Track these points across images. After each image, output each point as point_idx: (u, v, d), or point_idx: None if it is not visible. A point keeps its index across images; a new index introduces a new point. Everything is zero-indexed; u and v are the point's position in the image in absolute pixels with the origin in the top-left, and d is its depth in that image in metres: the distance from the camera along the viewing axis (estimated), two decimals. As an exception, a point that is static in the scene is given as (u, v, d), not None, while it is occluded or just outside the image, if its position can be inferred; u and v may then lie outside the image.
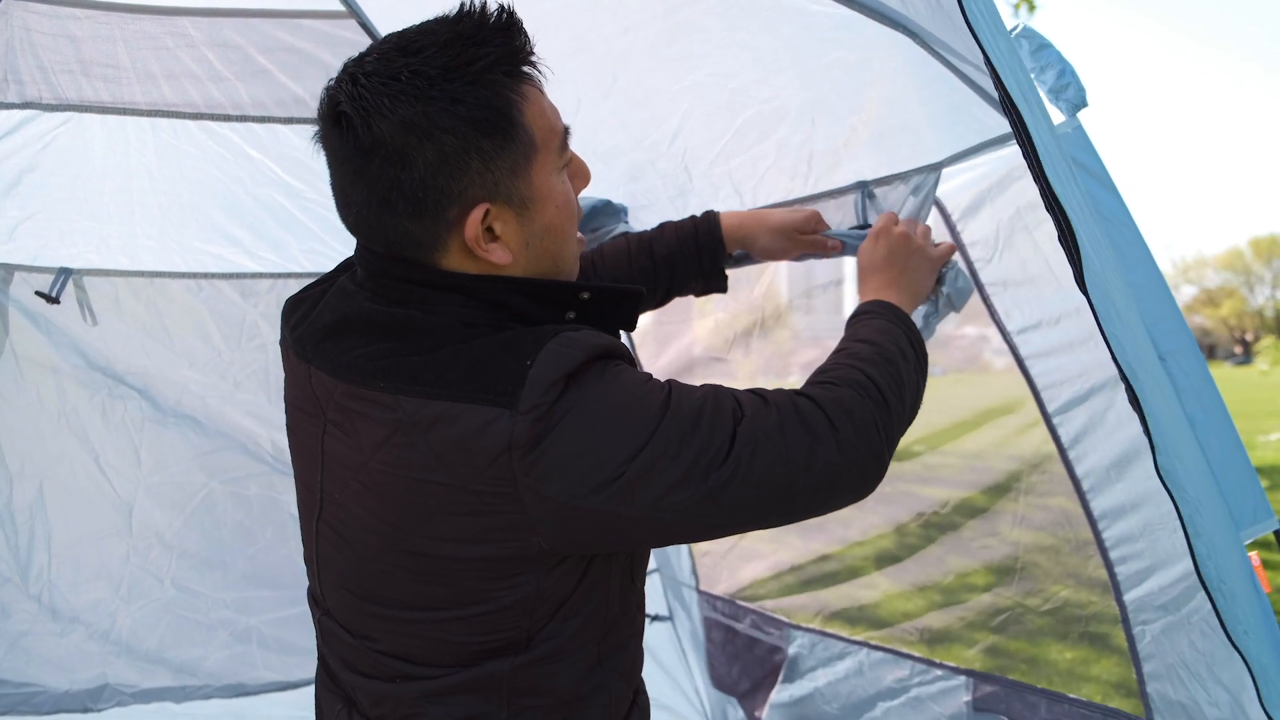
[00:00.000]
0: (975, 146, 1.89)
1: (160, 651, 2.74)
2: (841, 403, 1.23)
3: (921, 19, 1.64)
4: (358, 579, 1.23)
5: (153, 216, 2.51)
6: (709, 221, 1.89)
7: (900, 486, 2.78)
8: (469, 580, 1.15)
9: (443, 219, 1.14)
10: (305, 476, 1.31)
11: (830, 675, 2.72)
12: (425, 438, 1.09)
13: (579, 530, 1.11)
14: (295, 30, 2.20)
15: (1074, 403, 2.00)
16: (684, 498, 1.10)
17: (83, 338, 2.58)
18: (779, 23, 1.86)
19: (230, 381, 2.73)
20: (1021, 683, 2.34)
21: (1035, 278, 1.98)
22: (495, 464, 1.07)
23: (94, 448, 2.65)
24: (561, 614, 1.19)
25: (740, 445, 1.12)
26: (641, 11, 1.98)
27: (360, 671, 1.26)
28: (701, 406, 1.14)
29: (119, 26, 2.14)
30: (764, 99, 2.03)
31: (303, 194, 2.55)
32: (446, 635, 1.18)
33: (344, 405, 1.17)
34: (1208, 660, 1.89)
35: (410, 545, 1.16)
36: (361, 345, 1.16)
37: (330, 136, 1.15)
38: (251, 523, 2.82)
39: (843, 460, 1.19)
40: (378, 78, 1.10)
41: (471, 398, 1.08)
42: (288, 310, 1.34)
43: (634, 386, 1.12)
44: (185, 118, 2.33)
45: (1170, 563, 1.95)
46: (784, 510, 1.19)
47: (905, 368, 1.40)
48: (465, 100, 1.10)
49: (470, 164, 1.12)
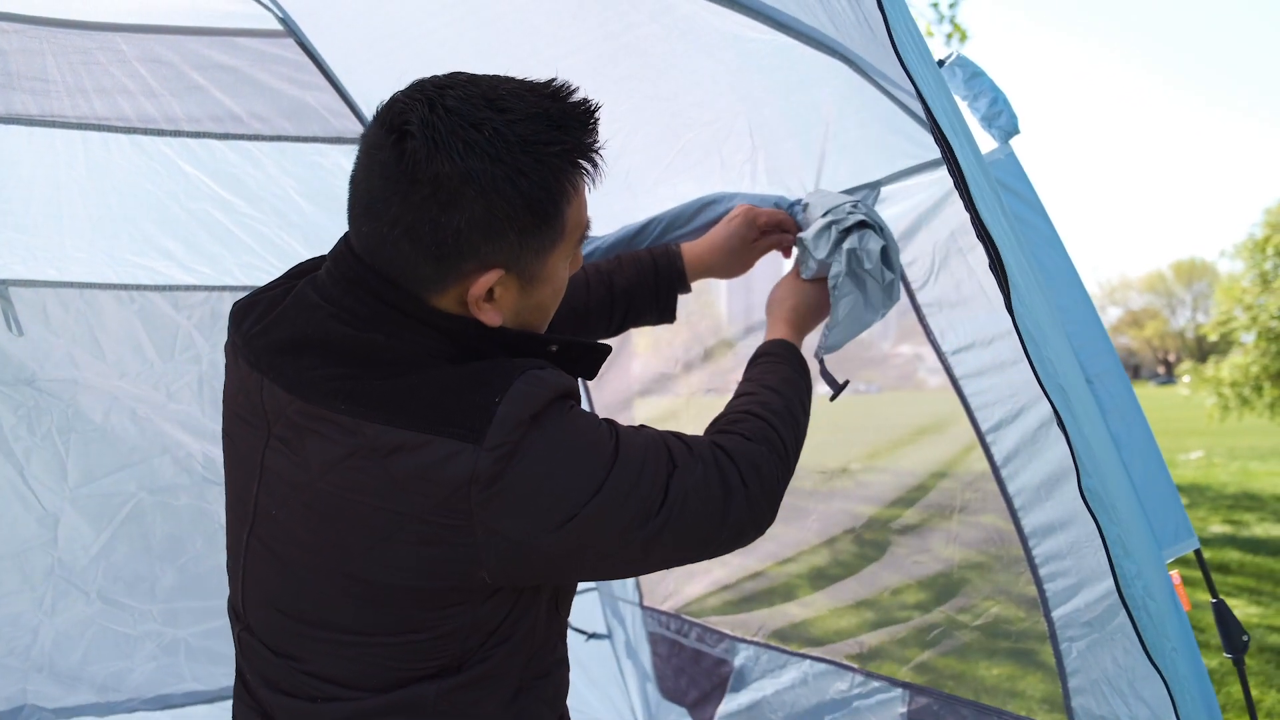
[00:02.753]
0: (912, 168, 1.93)
1: (83, 666, 2.69)
2: (752, 459, 1.31)
3: (856, 46, 1.67)
4: (288, 598, 1.21)
5: (82, 229, 2.47)
6: (669, 256, 1.89)
7: (835, 504, 2.81)
8: (408, 608, 1.15)
9: (457, 269, 1.15)
10: (239, 486, 1.28)
11: (776, 685, 2.75)
12: (383, 464, 1.09)
13: (524, 566, 1.13)
14: (230, 49, 2.17)
15: (1005, 421, 2.04)
16: (621, 543, 1.15)
17: (7, 348, 2.53)
18: (718, 48, 1.88)
19: (163, 392, 2.69)
20: (955, 696, 2.38)
21: (969, 299, 2.02)
22: (454, 496, 1.07)
23: (18, 460, 2.61)
24: (491, 641, 1.20)
25: (672, 498, 1.18)
26: (582, 36, 1.99)
27: (281, 690, 1.23)
28: (644, 457, 1.18)
29: (48, 40, 2.11)
30: (706, 121, 2.05)
31: (238, 208, 2.53)
32: (377, 659, 1.17)
33: (295, 422, 1.15)
34: (1129, 676, 1.94)
35: (351, 569, 1.14)
36: (322, 365, 1.15)
37: (383, 146, 1.12)
38: (181, 533, 2.78)
39: (749, 513, 1.28)
40: (458, 119, 1.10)
41: (437, 429, 1.08)
42: (238, 314, 1.30)
43: (589, 431, 1.17)
44: (117, 131, 2.29)
45: (1096, 580, 1.99)
46: (693, 556, 1.26)
47: (803, 423, 1.51)
48: (529, 176, 1.12)
49: (508, 234, 1.14)
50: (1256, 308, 18.30)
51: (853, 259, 1.72)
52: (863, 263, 1.71)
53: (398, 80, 1.18)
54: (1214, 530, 8.92)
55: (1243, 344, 18.98)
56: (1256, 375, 17.46)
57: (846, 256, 1.72)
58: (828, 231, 1.75)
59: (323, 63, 2.31)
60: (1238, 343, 19.48)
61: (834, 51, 1.76)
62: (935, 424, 2.52)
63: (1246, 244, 19.24)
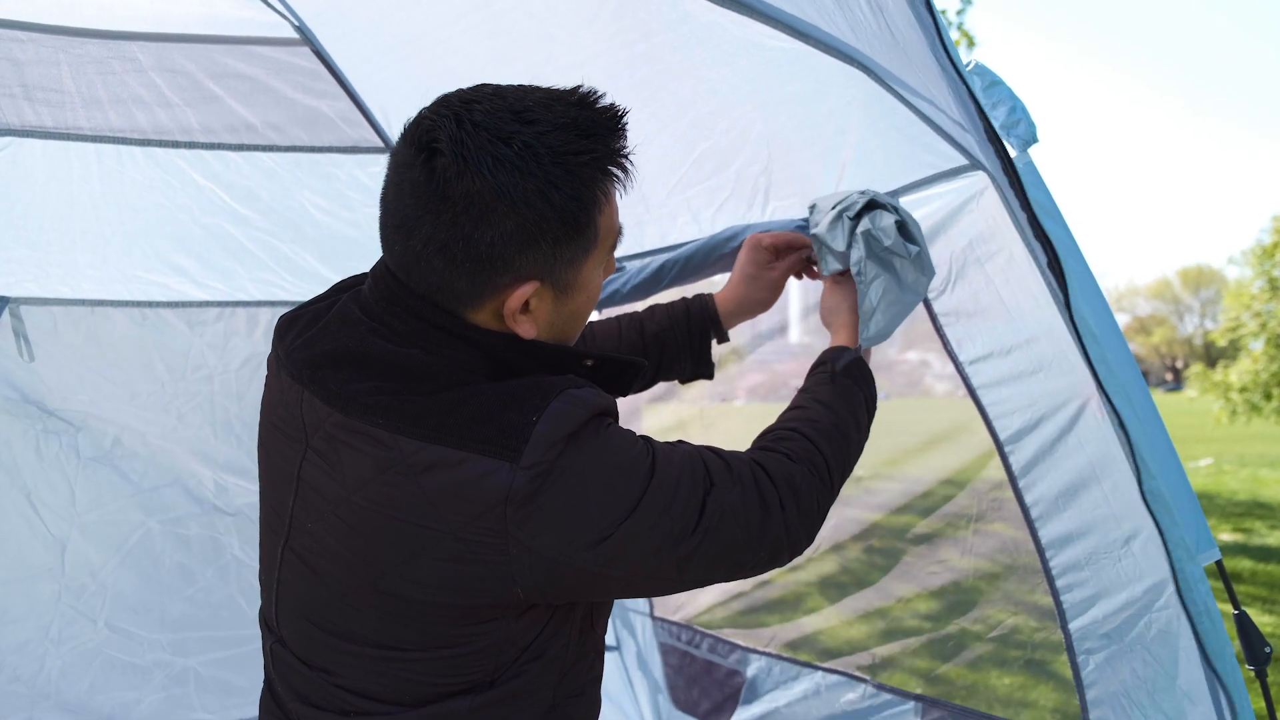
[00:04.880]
0: (929, 177, 1.92)
1: (90, 695, 2.66)
2: (791, 480, 1.31)
3: (876, 54, 1.67)
4: (322, 611, 1.21)
5: (95, 245, 2.46)
6: (701, 302, 1.88)
7: (845, 512, 2.79)
8: (441, 625, 1.14)
9: (493, 283, 1.15)
10: (275, 498, 1.28)
11: (788, 696, 2.73)
12: (418, 480, 1.09)
13: (558, 584, 1.13)
14: (248, 57, 2.17)
15: (1024, 431, 2.03)
16: (656, 561, 1.15)
17: (16, 370, 2.52)
18: (736, 55, 1.87)
19: (174, 415, 2.67)
20: (968, 708, 2.36)
21: (986, 309, 2.00)
22: (489, 514, 1.07)
23: (26, 484, 2.59)
24: (525, 657, 1.19)
25: (708, 518, 1.18)
26: (599, 44, 1.98)
27: (312, 703, 1.23)
28: (680, 476, 1.19)
29: (64, 50, 2.10)
30: (722, 130, 2.04)
31: (253, 223, 2.52)
32: (410, 674, 1.17)
33: (333, 435, 1.16)
34: (1149, 688, 1.92)
35: (385, 585, 1.14)
36: (360, 379, 1.15)
37: (413, 165, 1.12)
38: (191, 563, 2.75)
39: (786, 536, 1.28)
40: (486, 134, 1.10)
41: (474, 447, 1.08)
42: (283, 327, 1.30)
43: (626, 449, 1.17)
44: (131, 144, 2.29)
45: (1114, 591, 1.98)
46: (728, 575, 1.26)
47: (857, 441, 1.50)
48: (561, 188, 1.12)
49: (541, 245, 1.14)
50: (1265, 314, 18.27)
51: (870, 240, 1.69)
52: (881, 241, 1.68)
53: (413, 88, 1.18)
54: (1224, 538, 8.88)
55: (1251, 350, 18.95)
56: (1266, 381, 17.43)
57: (864, 240, 1.69)
58: (840, 221, 1.73)
59: (338, 71, 2.30)
60: (1246, 349, 19.44)
61: (853, 60, 1.75)
62: (947, 432, 2.50)
63: (1255, 250, 19.23)
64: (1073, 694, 2.05)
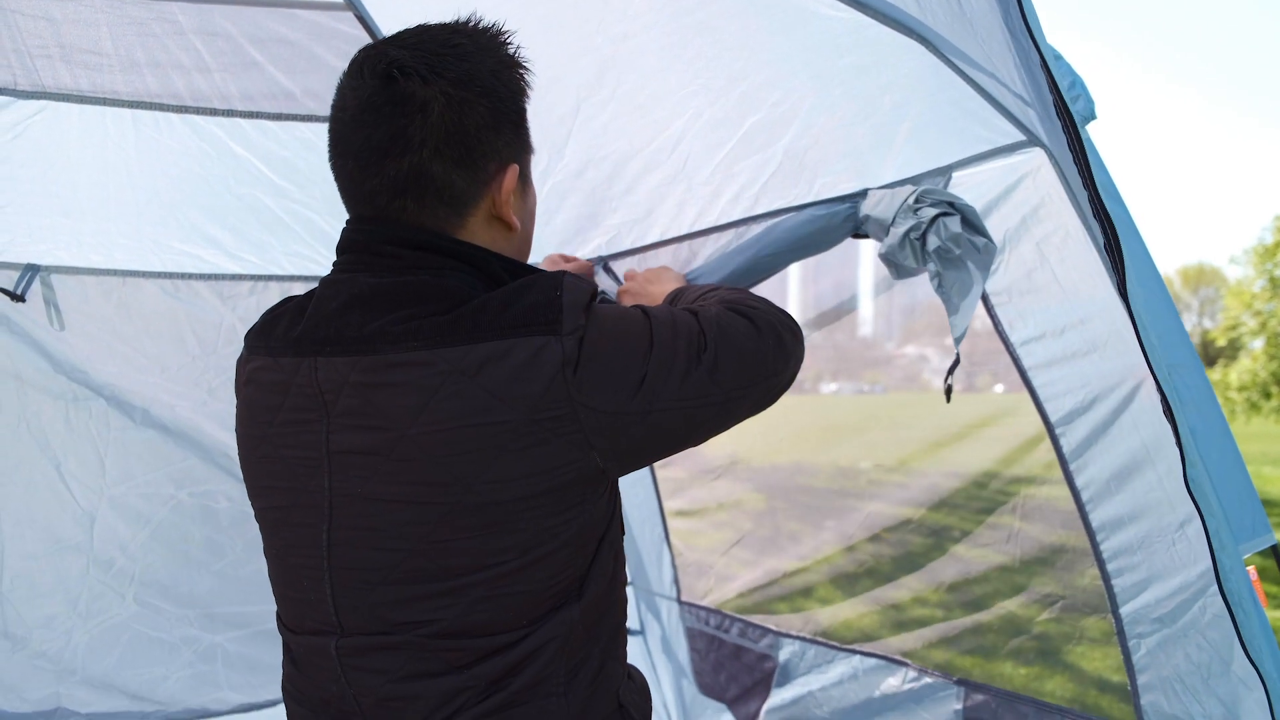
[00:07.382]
0: (985, 153, 1.89)
1: (118, 671, 2.64)
2: (736, 303, 1.40)
3: (939, 25, 1.64)
4: (404, 565, 1.17)
5: (129, 214, 2.42)
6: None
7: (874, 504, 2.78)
8: (535, 519, 1.16)
9: (485, 171, 1.24)
10: (302, 497, 1.23)
11: (823, 680, 2.70)
12: (475, 382, 1.12)
13: (626, 438, 1.18)
14: (290, 21, 2.12)
15: (1077, 412, 2.00)
16: (692, 382, 1.22)
17: (47, 339, 2.48)
18: (793, 26, 1.84)
19: (204, 389, 2.63)
20: (1012, 692, 2.34)
21: (1040, 287, 1.98)
22: (552, 387, 1.12)
23: (55, 456, 2.55)
24: (601, 550, 1.26)
25: (707, 327, 1.27)
26: (651, 14, 1.94)
27: (416, 675, 1.19)
28: (668, 310, 1.29)
29: (103, 10, 2.04)
30: (774, 102, 2.00)
31: (289, 194, 2.48)
32: (512, 589, 1.17)
33: (362, 384, 1.15)
34: (1203, 673, 1.90)
35: (472, 499, 1.13)
36: (377, 316, 1.16)
37: (377, 95, 1.18)
38: (220, 537, 2.72)
39: (777, 321, 1.36)
40: (424, 50, 1.19)
41: (516, 332, 1.13)
42: (266, 325, 1.29)
43: (622, 309, 1.26)
44: (169, 110, 2.24)
45: (1167, 575, 1.96)
46: (761, 372, 1.31)
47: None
48: (502, 74, 1.24)
49: (505, 127, 1.25)
50: (1265, 313, 18.32)
51: (944, 256, 1.73)
52: (952, 251, 1.72)
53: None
54: (1230, 535, 8.88)
55: (1251, 350, 19.00)
56: (1265, 380, 17.48)
57: (938, 258, 1.73)
58: (905, 242, 1.77)
59: (381, 38, 2.26)
60: (1245, 348, 19.50)
61: (911, 31, 1.72)
62: (992, 417, 2.49)
63: (1256, 249, 19.27)
64: (1123, 677, 2.03)
